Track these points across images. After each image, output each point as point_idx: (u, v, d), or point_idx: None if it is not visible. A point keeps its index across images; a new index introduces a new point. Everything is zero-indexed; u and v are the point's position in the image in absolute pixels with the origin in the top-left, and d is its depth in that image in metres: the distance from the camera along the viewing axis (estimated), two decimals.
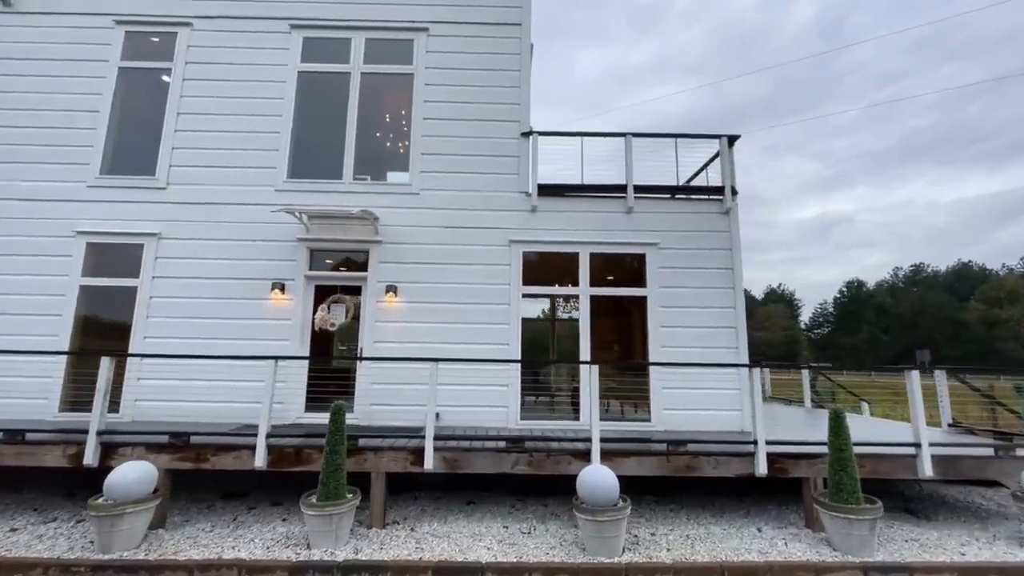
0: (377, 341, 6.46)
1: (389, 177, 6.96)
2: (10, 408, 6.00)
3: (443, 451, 5.03)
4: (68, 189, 6.70)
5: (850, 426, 4.63)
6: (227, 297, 6.49)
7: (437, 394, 6.14)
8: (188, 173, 6.79)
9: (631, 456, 5.06)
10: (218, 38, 7.16)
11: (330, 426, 4.60)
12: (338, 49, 7.19)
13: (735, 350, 6.51)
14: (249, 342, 6.33)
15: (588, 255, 6.72)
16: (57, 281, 6.47)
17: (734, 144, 7.11)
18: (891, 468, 5.06)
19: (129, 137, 6.96)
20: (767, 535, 4.83)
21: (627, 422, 6.44)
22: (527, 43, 7.26)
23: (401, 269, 6.64)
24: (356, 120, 7.00)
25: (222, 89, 7.02)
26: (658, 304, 6.63)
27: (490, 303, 6.58)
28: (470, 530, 4.84)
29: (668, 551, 4.39)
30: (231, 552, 4.26)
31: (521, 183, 6.84)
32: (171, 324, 6.45)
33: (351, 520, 4.54)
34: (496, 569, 3.94)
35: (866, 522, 4.30)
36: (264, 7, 7.24)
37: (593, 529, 4.26)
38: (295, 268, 6.59)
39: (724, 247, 6.76)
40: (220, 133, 6.90)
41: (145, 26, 7.19)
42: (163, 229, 6.63)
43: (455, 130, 7.00)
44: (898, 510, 5.66)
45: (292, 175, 6.86)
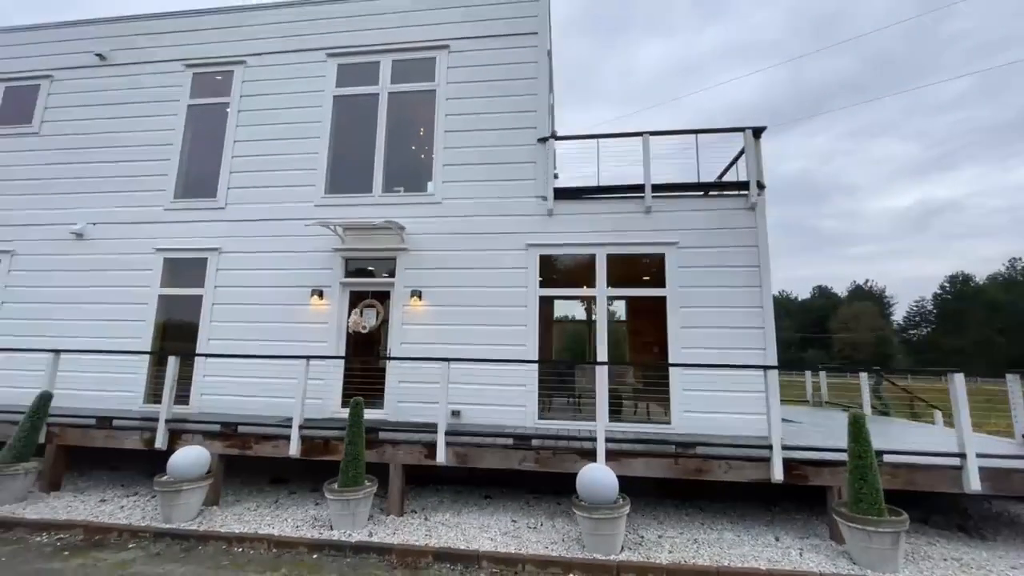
0: (404, 342, 6.91)
1: (414, 188, 7.40)
2: (106, 399, 7.12)
3: (454, 446, 5.32)
4: (149, 213, 7.82)
5: (908, 435, 4.33)
6: (275, 303, 7.25)
7: (460, 392, 6.53)
8: (242, 194, 7.67)
9: (639, 457, 5.05)
10: (266, 72, 8.02)
11: (349, 419, 5.05)
12: (368, 72, 7.77)
13: (763, 351, 6.23)
14: (293, 343, 7.02)
15: (605, 256, 6.74)
16: (141, 291, 7.57)
17: (760, 136, 6.79)
18: (930, 480, 4.64)
19: (196, 165, 7.98)
20: (784, 544, 4.63)
21: (647, 424, 6.37)
22: (544, 51, 7.42)
23: (425, 274, 7.05)
24: (384, 136, 7.53)
25: (269, 117, 7.85)
26: (679, 304, 6.50)
27: (509, 305, 6.79)
28: (480, 522, 5.08)
29: (669, 553, 4.36)
30: (266, 528, 4.81)
31: (538, 187, 7.01)
32: (230, 327, 7.31)
33: (368, 505, 4.95)
34: (491, 557, 4.15)
35: (887, 535, 4.01)
36: (304, 40, 8.00)
37: (590, 526, 4.34)
38: (332, 276, 7.22)
39: (750, 244, 6.49)
40: (268, 156, 7.72)
41: (209, 67, 8.22)
42: (223, 244, 7.54)
43: (475, 140, 7.32)
44: (949, 527, 5.16)
45: (329, 191, 7.52)
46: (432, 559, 4.19)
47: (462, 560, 4.17)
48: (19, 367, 7.21)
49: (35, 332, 7.53)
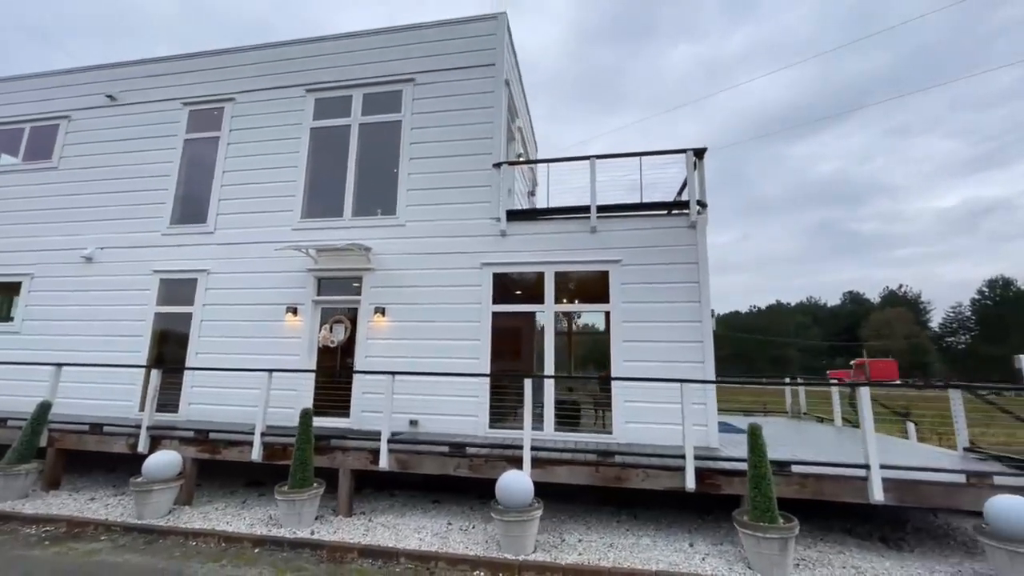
0: (368, 356, 7.43)
1: (382, 212, 7.97)
2: (108, 408, 7.88)
3: (397, 453, 5.78)
4: (148, 238, 8.65)
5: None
6: (254, 319, 7.90)
7: (417, 403, 7.02)
8: (229, 219, 8.40)
9: (563, 465, 5.39)
10: (253, 107, 8.78)
11: (299, 427, 5.57)
12: (341, 105, 8.43)
13: (701, 364, 6.47)
14: (270, 356, 7.64)
15: (553, 274, 7.12)
16: (140, 309, 8.36)
17: (703, 157, 7.08)
18: (836, 490, 4.82)
19: (190, 193, 8.78)
20: (695, 550, 4.88)
21: (592, 434, 6.67)
22: (500, 81, 7.91)
23: (389, 292, 7.58)
24: (355, 164, 8.15)
25: (254, 148, 8.59)
26: (621, 319, 6.81)
27: (464, 321, 7.24)
28: (418, 524, 5.51)
29: (579, 555, 4.68)
30: (223, 526, 5.35)
31: (493, 210, 7.46)
32: (215, 342, 7.99)
33: (314, 506, 5.44)
34: (409, 555, 4.57)
35: (775, 541, 4.24)
36: (287, 78, 8.74)
37: (503, 528, 4.71)
38: (305, 294, 7.83)
39: (690, 261, 6.76)
40: (252, 185, 8.44)
41: (203, 104, 9.06)
42: (211, 265, 8.27)
43: (436, 166, 7.85)
44: (871, 538, 5.29)
45: (305, 215, 8.17)
46: (357, 555, 4.64)
47: (383, 556, 4.60)
48: (33, 379, 8.05)
49: (49, 347, 8.40)
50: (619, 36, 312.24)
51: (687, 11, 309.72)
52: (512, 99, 8.66)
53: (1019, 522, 3.99)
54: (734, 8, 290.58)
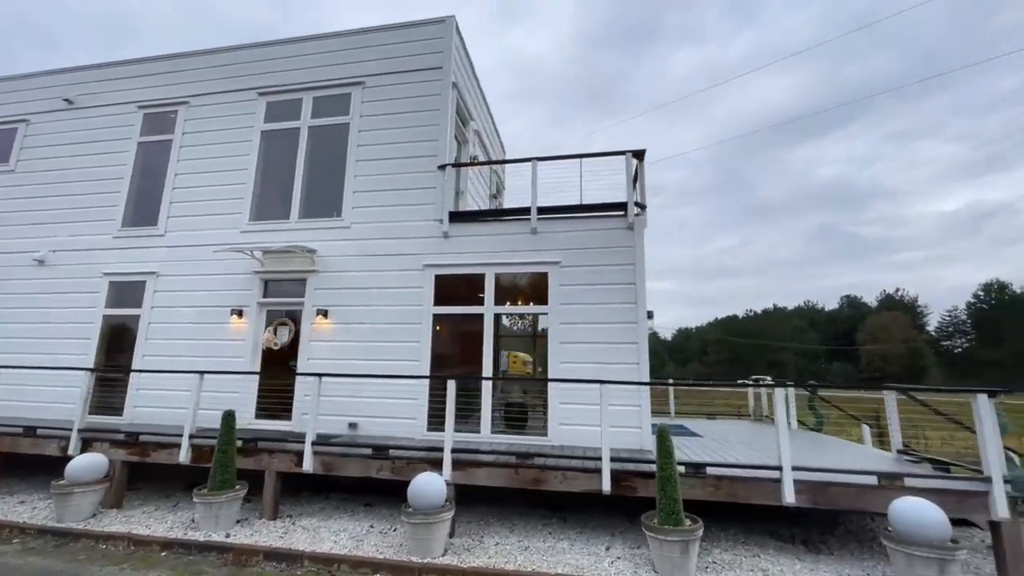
0: (311, 358, 7.41)
1: (329, 214, 7.96)
2: (51, 410, 7.84)
3: (321, 455, 5.75)
4: (100, 240, 8.65)
5: (817, 450, 4.50)
6: (201, 322, 7.89)
7: (357, 405, 7.02)
8: (179, 222, 8.41)
9: (483, 467, 5.35)
10: (206, 111, 8.81)
11: (221, 429, 5.55)
12: (292, 108, 8.46)
13: (636, 366, 6.44)
14: (214, 359, 7.61)
15: (494, 276, 7.10)
16: (89, 312, 8.35)
17: (642, 159, 7.09)
18: (750, 492, 4.78)
19: (142, 196, 8.79)
20: (610, 553, 4.83)
21: (526, 436, 6.62)
22: (447, 83, 7.93)
23: (333, 294, 7.57)
24: (303, 167, 8.16)
25: (206, 151, 8.61)
26: (559, 321, 6.78)
27: (405, 323, 7.22)
28: (340, 526, 5.47)
29: (489, 558, 4.64)
30: (143, 529, 5.31)
31: (436, 212, 7.46)
32: (163, 344, 7.98)
33: (234, 508, 5.40)
34: (313, 557, 4.53)
35: (676, 543, 4.20)
36: (240, 81, 8.77)
37: (411, 531, 4.67)
38: (250, 296, 7.82)
39: (627, 263, 6.75)
40: (202, 188, 8.46)
41: (158, 108, 9.09)
42: (160, 268, 8.27)
43: (382, 168, 7.86)
44: (793, 541, 5.24)
45: (253, 218, 8.17)
46: (262, 558, 4.60)
47: (288, 559, 4.56)
48: None
49: (2, 350, 8.38)
50: (622, 41, 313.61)
51: (690, 16, 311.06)
52: (463, 102, 8.68)
53: (917, 524, 3.95)
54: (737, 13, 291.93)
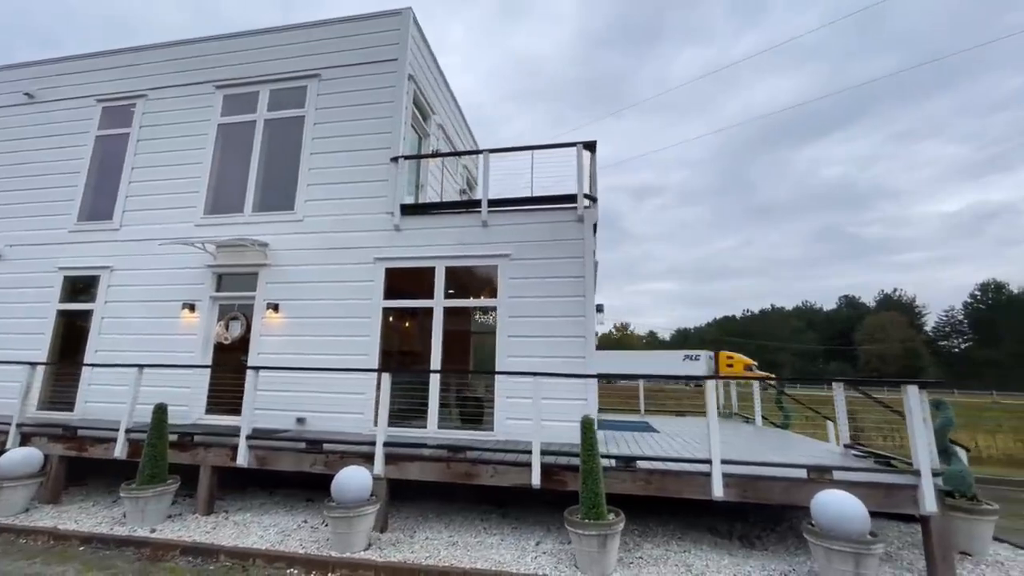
0: (261, 353, 7.32)
1: (283, 207, 7.88)
2: (6, 407, 7.75)
3: (256, 449, 5.66)
4: (55, 235, 8.58)
5: (777, 445, 4.40)
6: (153, 316, 7.81)
7: (306, 400, 6.94)
8: (134, 216, 8.34)
9: (415, 461, 5.26)
10: (163, 104, 8.74)
11: (151, 423, 5.46)
12: (249, 101, 8.38)
13: (583, 360, 6.35)
14: (166, 354, 7.53)
15: (444, 268, 7.02)
16: (43, 307, 8.28)
17: (594, 150, 7.00)
18: (680, 486, 4.68)
19: (99, 190, 8.72)
20: (538, 548, 4.74)
21: (472, 431, 6.53)
22: (403, 76, 7.84)
23: (284, 288, 7.48)
24: (258, 160, 8.08)
25: (162, 145, 8.54)
26: (508, 314, 6.70)
27: (355, 317, 7.13)
28: (272, 521, 5.39)
29: (411, 552, 4.54)
30: (73, 524, 5.23)
31: (388, 204, 7.37)
32: (116, 339, 7.90)
33: (163, 504, 5.31)
34: (229, 552, 4.44)
35: (594, 538, 4.11)
36: (198, 74, 8.69)
37: (332, 525, 4.59)
38: (203, 290, 7.74)
39: (576, 255, 6.65)
40: (158, 181, 8.38)
41: (116, 101, 9.02)
42: (114, 263, 8.19)
43: (336, 161, 7.77)
44: (731, 536, 5.15)
45: (208, 211, 8.09)
46: (179, 553, 4.52)
47: (204, 554, 4.47)
48: None
49: None
50: (625, 41, 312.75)
51: (694, 15, 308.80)
52: (423, 95, 8.59)
53: (836, 517, 3.85)
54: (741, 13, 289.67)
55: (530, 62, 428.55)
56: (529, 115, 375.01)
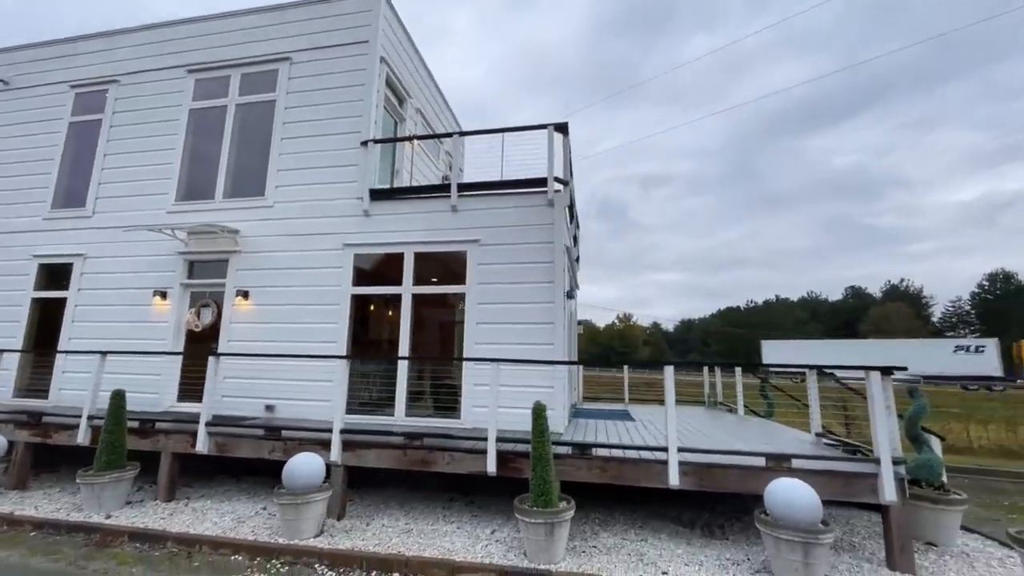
0: (231, 340, 7.26)
1: (255, 193, 7.77)
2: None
3: (215, 436, 5.61)
4: (30, 223, 8.53)
5: (749, 434, 4.29)
6: (125, 304, 7.77)
7: (275, 388, 6.91)
8: (107, 203, 8.26)
9: (371, 448, 5.19)
10: (135, 89, 8.62)
11: (108, 410, 5.41)
12: (220, 86, 8.24)
13: (551, 346, 6.23)
14: (139, 341, 7.50)
15: (413, 255, 6.90)
16: (18, 295, 8.26)
17: (566, 132, 6.82)
18: (637, 474, 4.58)
19: (72, 177, 8.64)
20: (492, 537, 4.68)
21: (440, 418, 6.45)
22: (374, 58, 7.66)
23: (254, 275, 7.40)
24: (229, 146, 7.96)
25: (134, 131, 8.43)
26: (476, 301, 6.58)
27: (325, 304, 7.05)
28: (230, 508, 5.36)
29: (361, 540, 4.48)
30: (28, 511, 5.21)
31: (358, 189, 7.24)
32: (89, 327, 7.87)
33: (120, 490, 5.28)
34: (176, 538, 4.41)
35: (540, 526, 4.02)
36: (169, 59, 8.55)
37: (280, 512, 4.54)
38: (174, 278, 7.68)
39: (546, 240, 6.51)
40: (130, 168, 8.29)
41: (89, 87, 8.90)
42: (87, 250, 8.14)
43: (307, 146, 7.63)
44: (694, 527, 5.05)
45: (180, 198, 8.00)
46: (127, 539, 4.49)
47: (151, 540, 4.44)
48: None
49: None
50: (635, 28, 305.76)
51: (705, 1, 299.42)
52: (397, 78, 8.41)
53: (786, 506, 3.73)
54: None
55: (537, 52, 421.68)
56: (536, 106, 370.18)
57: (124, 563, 4.06)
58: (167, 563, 4.07)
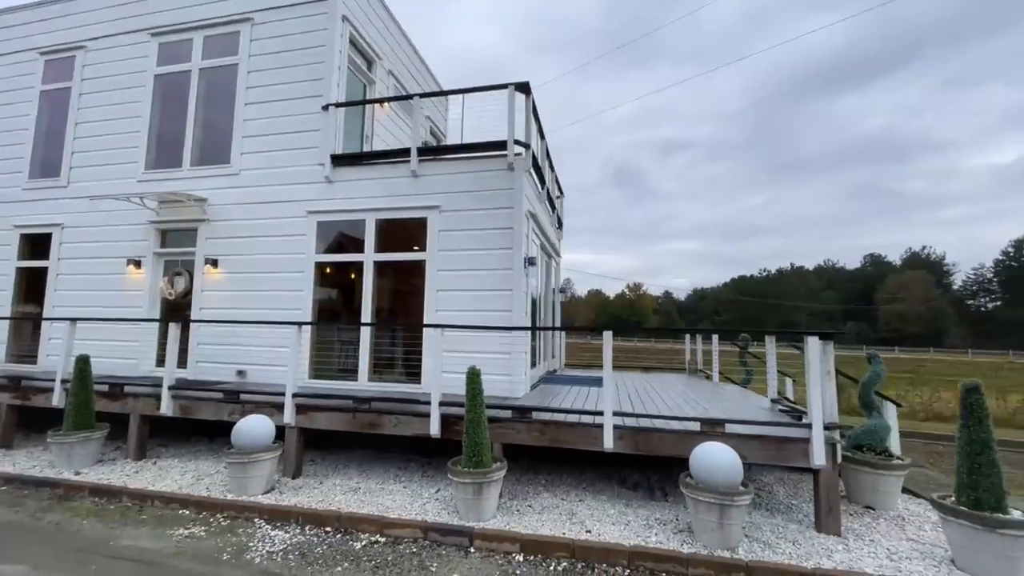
0: (203, 308, 7.40)
1: (220, 160, 7.72)
2: None
3: (180, 399, 5.81)
4: (8, 193, 8.65)
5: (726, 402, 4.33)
6: (102, 273, 7.93)
7: (246, 354, 7.07)
8: (81, 172, 8.32)
9: (323, 411, 5.32)
10: (102, 55, 8.50)
11: (75, 373, 5.61)
12: (184, 50, 8.07)
13: (508, 313, 6.22)
14: (115, 309, 7.70)
15: (374, 221, 6.85)
16: (2, 264, 8.48)
17: (529, 92, 6.57)
18: (573, 437, 4.63)
19: (47, 147, 8.67)
20: (434, 496, 4.82)
21: (401, 384, 6.56)
22: (335, 17, 7.39)
23: (222, 244, 7.45)
24: (194, 112, 7.87)
25: (103, 99, 8.37)
26: (436, 268, 6.55)
27: (289, 271, 7.09)
28: (193, 467, 5.61)
29: (307, 498, 4.65)
30: (9, 467, 5.51)
31: (320, 156, 7.14)
32: (69, 295, 8.08)
33: (90, 449, 5.54)
34: (130, 493, 4.64)
35: (468, 485, 4.12)
36: (134, 22, 8.37)
37: (229, 470, 4.71)
38: (147, 247, 7.78)
39: (505, 206, 6.39)
40: (100, 137, 8.28)
41: (56, 53, 8.80)
42: (65, 220, 8.26)
43: (269, 111, 7.50)
44: (639, 488, 5.14)
45: (149, 167, 8.01)
46: (87, 493, 4.74)
47: (108, 495, 4.68)
48: None
49: None
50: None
51: None
52: (363, 39, 8.12)
53: (704, 468, 3.75)
54: None
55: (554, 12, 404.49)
56: (553, 67, 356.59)
57: (78, 515, 4.30)
58: (118, 516, 4.30)
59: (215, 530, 4.04)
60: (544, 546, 3.66)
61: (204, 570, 3.38)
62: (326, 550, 3.70)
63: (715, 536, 3.64)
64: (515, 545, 3.72)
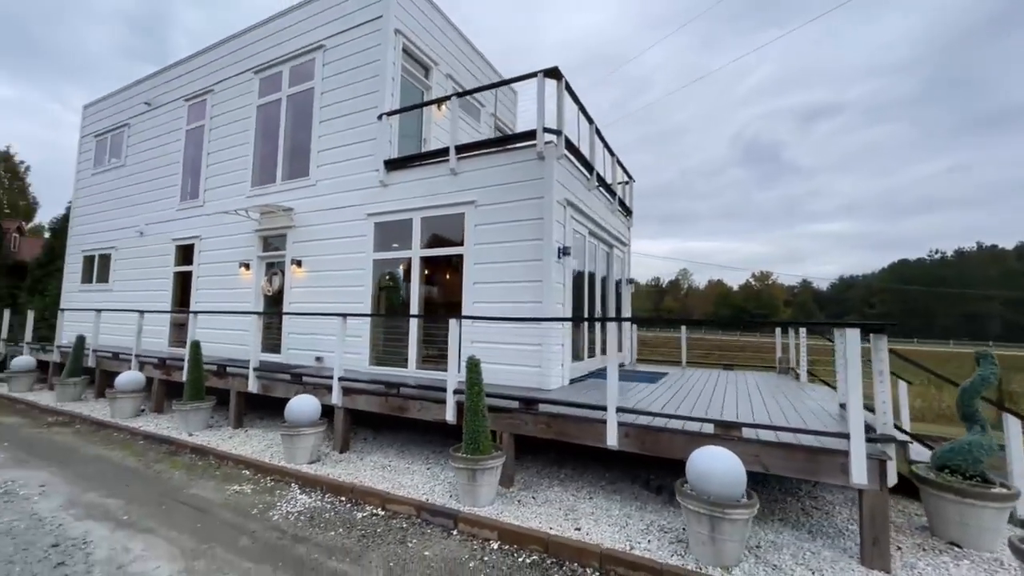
0: (291, 302, 8.62)
1: (304, 174, 8.88)
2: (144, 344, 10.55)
3: (262, 380, 6.88)
4: (168, 214, 10.99)
5: None
6: (224, 274, 9.69)
7: (325, 343, 8.04)
8: (212, 194, 10.23)
9: (362, 395, 5.87)
10: (223, 95, 10.32)
11: (188, 356, 6.99)
12: (276, 82, 9.43)
13: (539, 304, 6.17)
14: (231, 303, 9.38)
15: (420, 220, 7.30)
16: (164, 270, 10.82)
17: (560, 78, 6.40)
18: (579, 432, 4.46)
19: (191, 176, 10.82)
20: (438, 478, 5.01)
21: (442, 372, 6.88)
22: (388, 32, 8.00)
23: (304, 246, 8.59)
24: (284, 134, 9.17)
25: (224, 132, 10.18)
26: (473, 261, 6.75)
27: (354, 269, 7.91)
28: (272, 437, 6.59)
29: (341, 470, 5.22)
30: (152, 427, 7.10)
31: (376, 162, 7.82)
32: (206, 293, 10.02)
33: (200, 416, 6.88)
34: (216, 454, 5.65)
35: (463, 471, 4.25)
36: (243, 64, 10.01)
37: (282, 441, 5.47)
38: (253, 251, 9.30)
39: (536, 196, 6.33)
40: (223, 163, 10.09)
41: (195, 98, 10.91)
42: (202, 232, 10.26)
43: (337, 126, 8.42)
44: (648, 485, 4.80)
45: (254, 184, 9.54)
46: (189, 450, 5.89)
47: (202, 453, 5.78)
48: None
49: None
50: None
51: None
52: (417, 48, 8.64)
53: (697, 475, 3.35)
54: None
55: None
56: (675, 41, 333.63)
57: (175, 467, 5.39)
58: (200, 471, 5.29)
59: (260, 489, 4.76)
60: (520, 538, 3.63)
61: (234, 519, 4.03)
62: (332, 516, 4.13)
63: (707, 550, 3.25)
64: (494, 533, 3.74)
